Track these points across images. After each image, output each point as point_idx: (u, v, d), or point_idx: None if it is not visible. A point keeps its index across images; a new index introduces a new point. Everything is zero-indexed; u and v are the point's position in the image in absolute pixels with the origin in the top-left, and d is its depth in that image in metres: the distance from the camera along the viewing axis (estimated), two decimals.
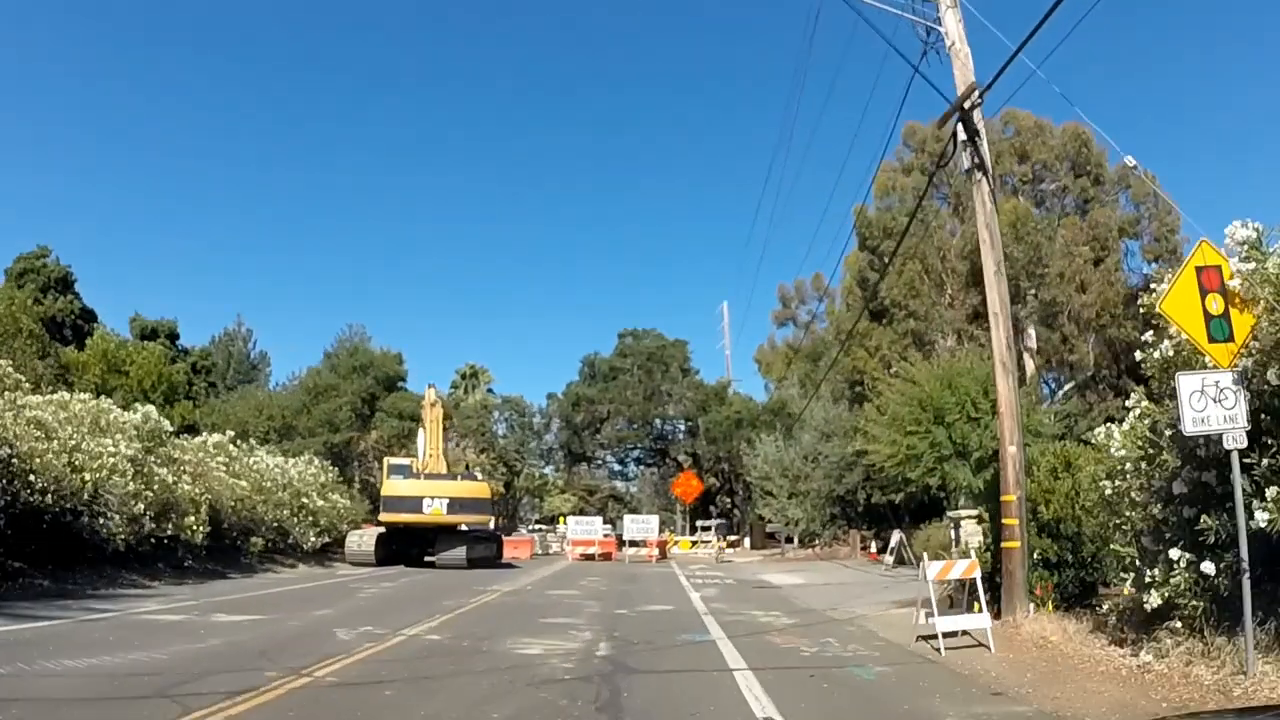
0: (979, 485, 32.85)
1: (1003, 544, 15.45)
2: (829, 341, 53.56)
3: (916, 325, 43.28)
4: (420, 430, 42.24)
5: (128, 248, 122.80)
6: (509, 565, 40.31)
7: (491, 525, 49.16)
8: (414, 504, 35.35)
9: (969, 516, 26.24)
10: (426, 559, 36.15)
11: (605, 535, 49.51)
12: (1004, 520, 15.38)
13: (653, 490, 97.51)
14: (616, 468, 72.48)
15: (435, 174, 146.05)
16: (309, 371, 60.04)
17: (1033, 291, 44.70)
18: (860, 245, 47.53)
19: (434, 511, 35.29)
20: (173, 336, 60.71)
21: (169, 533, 26.20)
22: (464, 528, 40.33)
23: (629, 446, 65.84)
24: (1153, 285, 11.71)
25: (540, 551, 52.96)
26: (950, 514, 29.35)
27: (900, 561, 34.58)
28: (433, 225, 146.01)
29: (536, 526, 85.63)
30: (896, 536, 34.85)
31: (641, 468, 73.46)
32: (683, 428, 64.21)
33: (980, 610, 13.73)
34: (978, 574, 14.15)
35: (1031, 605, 15.14)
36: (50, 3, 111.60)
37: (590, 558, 45.19)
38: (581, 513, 69.05)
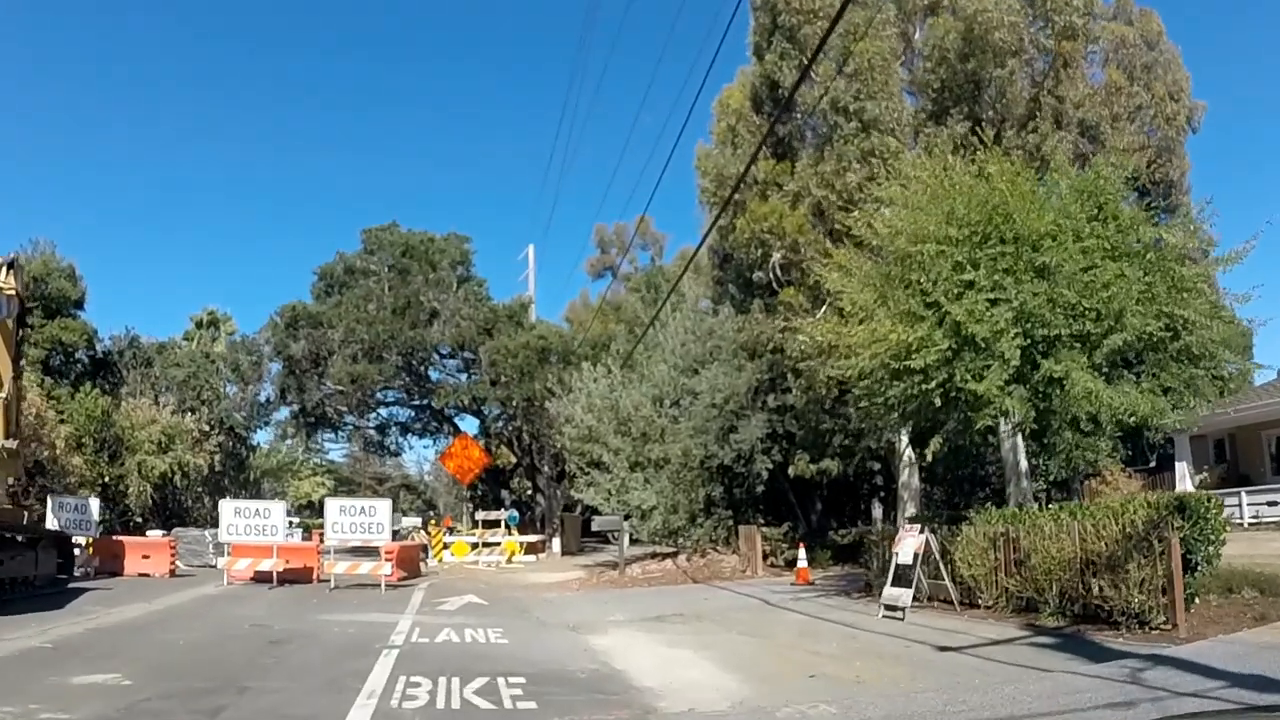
0: (1136, 409, 13.60)
1: None
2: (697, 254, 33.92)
3: (880, 143, 23.30)
4: None
5: None
6: (64, 595, 19.31)
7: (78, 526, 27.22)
8: None
9: None
10: None
11: (291, 536, 28.10)
12: None
13: (451, 479, 76.07)
14: (373, 434, 49.85)
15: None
16: None
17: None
18: (762, 43, 27.70)
19: None
20: None
21: None
22: None
23: (379, 397, 43.19)
24: None
25: (208, 563, 30.78)
26: None
27: (916, 599, 14.64)
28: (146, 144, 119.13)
29: (291, 520, 63.75)
30: (917, 541, 14.72)
31: (411, 438, 50.99)
32: (459, 370, 42.08)
33: None
34: None
35: None
36: None
37: (265, 578, 23.85)
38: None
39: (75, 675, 10.06)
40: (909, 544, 14.99)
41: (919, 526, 15.41)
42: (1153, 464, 33.00)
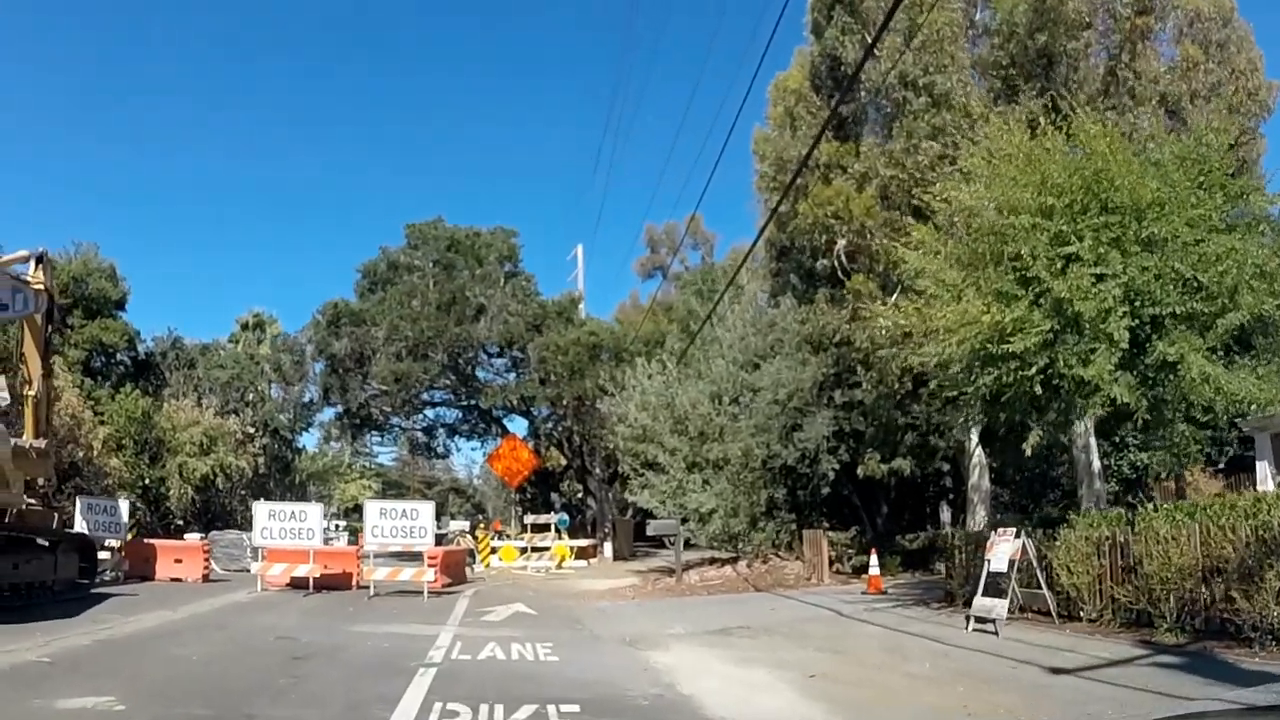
0: (1255, 397, 11.99)
1: None
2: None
3: (954, 119, 21.81)
4: None
5: None
6: (83, 601, 18.42)
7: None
8: None
9: None
10: None
11: (333, 540, 26.93)
12: None
13: (499, 482, 75.13)
14: (420, 436, 48.82)
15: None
16: None
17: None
18: (821, 20, 26.34)
19: None
20: None
21: None
22: None
23: (425, 397, 41.99)
24: None
25: (245, 567, 29.76)
26: None
27: (1013, 608, 13.13)
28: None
29: (338, 524, 63.07)
30: (1012, 547, 13.26)
31: (458, 439, 49.80)
32: (507, 369, 40.67)
33: None
34: None
35: None
36: None
37: (301, 584, 22.72)
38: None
39: (63, 697, 8.83)
40: (1003, 550, 13.49)
41: (1014, 530, 13.87)
42: (1221, 465, 30.82)
